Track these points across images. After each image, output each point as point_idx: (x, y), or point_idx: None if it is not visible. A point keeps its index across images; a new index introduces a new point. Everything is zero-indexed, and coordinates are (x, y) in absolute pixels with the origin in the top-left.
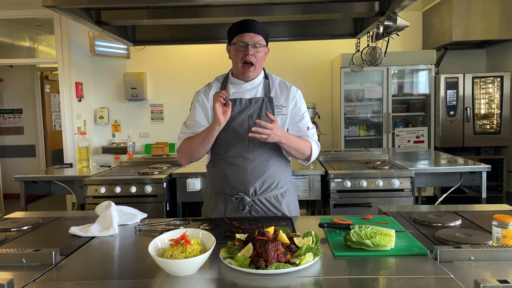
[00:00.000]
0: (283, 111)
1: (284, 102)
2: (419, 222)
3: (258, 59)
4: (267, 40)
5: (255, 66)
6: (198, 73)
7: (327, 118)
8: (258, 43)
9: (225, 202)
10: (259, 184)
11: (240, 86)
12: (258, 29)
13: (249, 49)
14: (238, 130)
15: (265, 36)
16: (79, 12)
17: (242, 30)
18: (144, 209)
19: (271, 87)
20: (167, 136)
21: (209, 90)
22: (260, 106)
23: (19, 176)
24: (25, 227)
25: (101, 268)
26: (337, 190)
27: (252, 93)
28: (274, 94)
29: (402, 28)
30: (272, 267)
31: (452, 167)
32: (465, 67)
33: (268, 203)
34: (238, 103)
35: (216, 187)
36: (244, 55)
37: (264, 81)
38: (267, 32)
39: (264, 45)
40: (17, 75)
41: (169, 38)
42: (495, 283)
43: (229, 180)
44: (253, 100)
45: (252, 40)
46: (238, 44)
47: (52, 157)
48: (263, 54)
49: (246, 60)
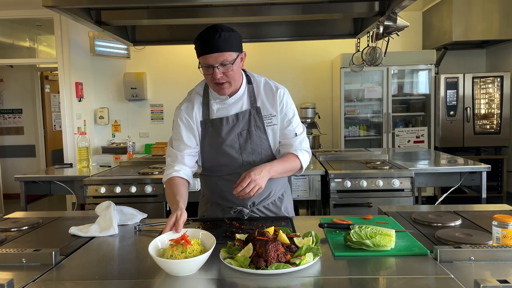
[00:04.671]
0: (273, 121)
1: (272, 109)
2: (419, 222)
3: (231, 77)
4: (239, 47)
5: (230, 83)
6: (198, 73)
7: (327, 118)
8: (224, 61)
9: (223, 212)
10: (258, 197)
11: (223, 102)
12: (223, 44)
13: (216, 72)
14: (229, 152)
15: (234, 47)
16: (79, 12)
17: (204, 51)
18: (144, 209)
19: (257, 94)
20: (167, 136)
21: (191, 107)
22: (248, 121)
23: (19, 176)
24: (25, 227)
25: (101, 268)
26: (337, 190)
27: (237, 106)
28: (261, 102)
29: (402, 28)
30: (272, 267)
31: (452, 167)
32: (465, 67)
33: (267, 210)
34: (225, 122)
35: (212, 199)
36: (213, 77)
37: (248, 87)
38: (236, 39)
39: (234, 60)
40: (17, 75)
41: (169, 38)
42: (495, 283)
43: (226, 195)
44: (239, 115)
45: (217, 61)
46: (204, 67)
47: (52, 157)
48: (237, 67)
49: (216, 81)
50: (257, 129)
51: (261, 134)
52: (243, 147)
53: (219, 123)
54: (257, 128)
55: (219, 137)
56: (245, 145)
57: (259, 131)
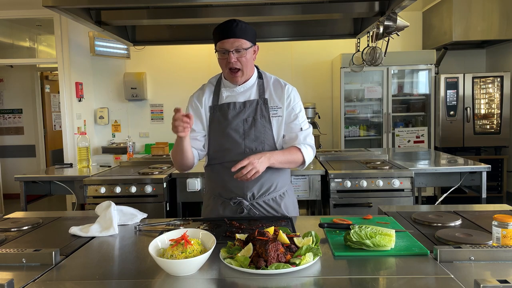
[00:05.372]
0: (279, 113)
1: (279, 102)
2: (419, 222)
3: (243, 64)
4: (253, 39)
5: (242, 71)
6: (198, 73)
7: (327, 118)
8: (239, 47)
9: (223, 205)
10: (257, 189)
11: (233, 90)
12: (239, 32)
13: (231, 56)
14: (233, 135)
15: (249, 36)
16: (79, 12)
17: (221, 37)
18: (144, 209)
19: (266, 87)
20: (167, 136)
21: (202, 94)
22: (255, 109)
23: (19, 176)
24: (25, 227)
25: (101, 268)
26: (337, 190)
27: (246, 95)
28: (269, 94)
29: (402, 28)
30: (272, 267)
31: (452, 167)
32: (465, 67)
33: (267, 206)
34: (232, 107)
35: (214, 191)
36: (228, 62)
37: (258, 81)
38: (251, 31)
39: (248, 48)
40: (17, 75)
41: (169, 38)
42: (495, 283)
43: (227, 184)
44: (247, 103)
45: (233, 46)
46: (220, 51)
47: (52, 157)
48: (250, 56)
49: (231, 67)
50: (262, 118)
51: (266, 123)
52: (247, 132)
53: (226, 108)
54: (263, 117)
55: (225, 120)
56: (249, 131)
57: (264, 120)
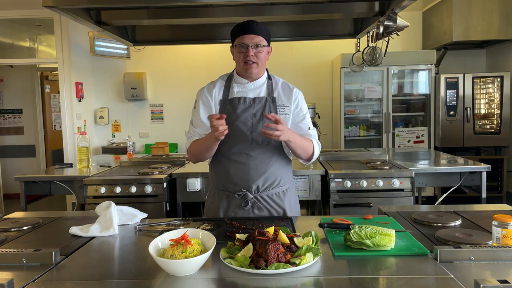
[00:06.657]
0: (286, 111)
1: (286, 102)
2: (419, 222)
3: (260, 59)
4: (269, 39)
5: (258, 64)
6: (198, 73)
7: (327, 118)
8: (258, 43)
9: (228, 199)
10: (262, 182)
11: (244, 85)
12: (258, 30)
13: (250, 50)
14: (241, 128)
15: (266, 36)
16: (79, 12)
17: (242, 32)
18: (144, 209)
19: (274, 87)
20: (167, 136)
21: (212, 87)
22: (264, 105)
23: (19, 176)
24: (25, 227)
25: (101, 268)
26: (337, 190)
27: (255, 92)
28: (277, 94)
29: (402, 28)
30: (272, 267)
31: (452, 167)
32: (465, 67)
33: (271, 200)
34: (242, 102)
35: (219, 184)
36: (245, 56)
37: (268, 81)
38: (268, 32)
39: (265, 45)
40: (17, 75)
41: (169, 38)
42: (495, 283)
43: (232, 177)
44: (256, 99)
45: (252, 41)
46: (239, 46)
47: (52, 157)
48: (265, 54)
49: (247, 60)
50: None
51: None
52: (254, 126)
53: (236, 102)
54: (270, 113)
55: (235, 113)
56: (257, 125)
57: None
